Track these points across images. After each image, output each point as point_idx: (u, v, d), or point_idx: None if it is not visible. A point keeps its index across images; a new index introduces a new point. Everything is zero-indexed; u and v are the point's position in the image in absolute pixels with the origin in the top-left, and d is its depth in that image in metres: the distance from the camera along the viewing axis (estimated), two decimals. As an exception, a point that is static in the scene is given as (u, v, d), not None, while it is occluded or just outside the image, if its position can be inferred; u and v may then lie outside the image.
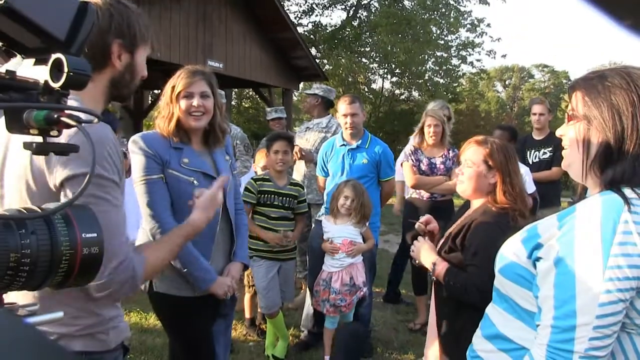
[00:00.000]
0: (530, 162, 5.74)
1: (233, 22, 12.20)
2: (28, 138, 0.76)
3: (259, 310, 4.94)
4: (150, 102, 15.73)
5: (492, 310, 1.69)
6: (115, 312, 1.64)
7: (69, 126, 0.74)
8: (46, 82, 0.73)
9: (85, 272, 0.79)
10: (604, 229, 1.30)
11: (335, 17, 40.75)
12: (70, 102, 1.47)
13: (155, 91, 17.60)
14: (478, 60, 27.98)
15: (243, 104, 28.05)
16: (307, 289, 4.76)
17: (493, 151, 2.52)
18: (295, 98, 17.76)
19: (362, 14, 25.94)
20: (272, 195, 4.35)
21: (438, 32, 24.58)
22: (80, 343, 1.53)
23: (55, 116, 0.73)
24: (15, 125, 0.73)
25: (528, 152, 5.79)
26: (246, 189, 4.36)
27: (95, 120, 0.77)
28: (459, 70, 26.77)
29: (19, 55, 0.77)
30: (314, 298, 4.25)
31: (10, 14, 0.67)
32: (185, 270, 2.56)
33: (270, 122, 6.97)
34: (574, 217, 1.38)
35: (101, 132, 1.45)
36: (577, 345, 1.29)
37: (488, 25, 25.33)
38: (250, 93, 24.79)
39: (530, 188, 4.93)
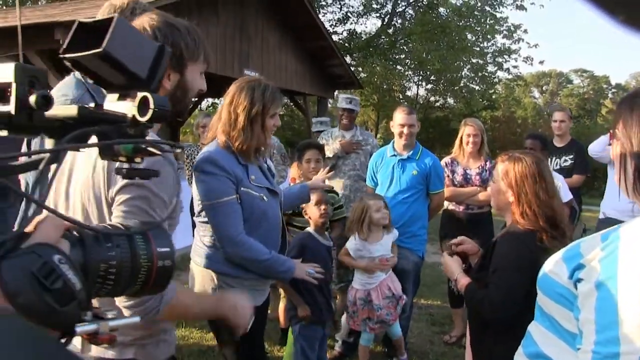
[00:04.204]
0: (551, 169, 5.64)
1: (269, 32, 12.32)
2: (117, 164, 0.89)
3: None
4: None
5: (535, 329, 1.66)
6: (166, 325, 1.71)
7: (152, 154, 0.86)
8: (134, 116, 0.83)
9: (159, 282, 0.90)
10: None
11: (370, 24, 40.81)
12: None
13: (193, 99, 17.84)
14: (515, 67, 27.60)
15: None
16: (345, 299, 4.77)
17: (508, 170, 2.48)
18: (330, 106, 17.80)
19: (397, 22, 25.87)
20: None
21: (473, 38, 24.35)
22: (132, 351, 1.60)
23: (143, 146, 0.84)
24: (108, 153, 0.85)
25: (549, 159, 5.71)
26: None
27: (179, 150, 0.87)
28: (494, 77, 26.46)
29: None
30: (352, 319, 4.19)
31: (106, 58, 0.78)
32: (268, 273, 2.68)
33: (314, 134, 6.97)
34: (618, 238, 1.34)
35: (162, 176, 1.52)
36: None
37: (525, 31, 24.93)
38: (285, 100, 24.90)
39: (566, 196, 4.86)
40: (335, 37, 22.86)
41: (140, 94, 0.82)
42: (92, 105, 0.83)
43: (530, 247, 2.33)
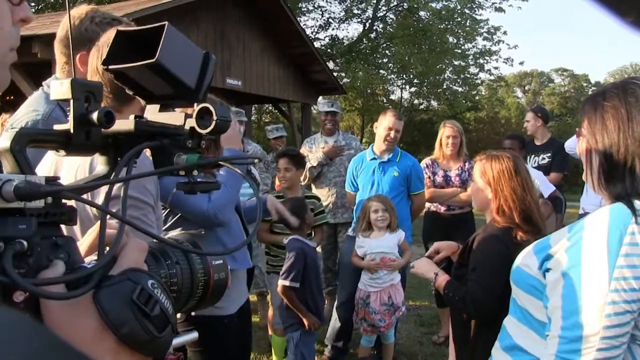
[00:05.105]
0: (530, 167, 5.73)
1: (250, 40, 12.35)
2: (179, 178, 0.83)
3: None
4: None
5: (508, 321, 1.73)
6: None
7: (218, 167, 0.84)
8: (192, 128, 0.79)
9: (215, 295, 0.86)
10: (610, 241, 1.32)
11: (351, 30, 41.03)
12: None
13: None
14: (496, 68, 27.87)
15: (263, 118, 28.23)
16: (334, 303, 4.79)
17: (486, 167, 2.55)
18: (314, 112, 17.82)
19: (378, 26, 26.02)
20: None
21: (455, 41, 24.53)
22: None
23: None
24: (165, 166, 0.80)
25: (528, 157, 5.80)
26: None
27: (257, 160, 0.80)
28: (477, 79, 26.67)
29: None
30: (355, 315, 4.26)
31: (157, 69, 0.73)
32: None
33: (272, 141, 7.00)
34: (583, 229, 1.41)
35: (141, 158, 1.53)
36: (584, 356, 1.31)
37: (504, 33, 25.17)
38: (270, 108, 24.93)
39: (548, 190, 4.92)
40: (317, 44, 22.94)
41: (198, 105, 0.80)
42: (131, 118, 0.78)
43: (507, 244, 2.37)
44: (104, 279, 0.65)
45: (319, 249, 4.83)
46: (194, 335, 0.88)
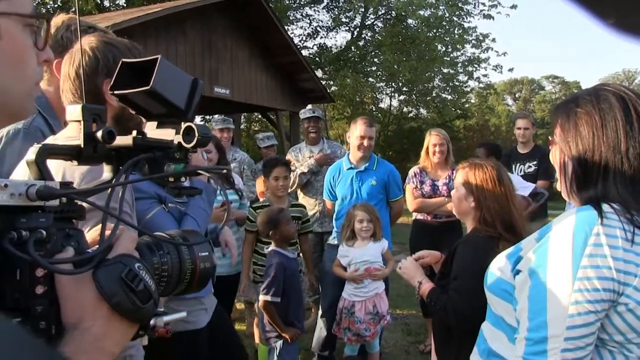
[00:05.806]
0: (515, 175, 5.73)
1: (238, 49, 12.34)
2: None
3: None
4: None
5: (484, 326, 1.75)
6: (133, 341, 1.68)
7: (199, 174, 1.01)
8: (179, 143, 0.95)
9: (201, 282, 1.02)
10: (575, 241, 1.33)
11: (340, 38, 41.30)
12: None
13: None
14: (485, 76, 27.92)
15: (252, 127, 28.20)
16: (319, 312, 4.76)
17: (469, 176, 2.52)
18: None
19: (366, 35, 26.08)
20: None
21: (443, 49, 24.61)
22: None
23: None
24: (157, 173, 0.97)
25: (513, 166, 5.78)
26: (247, 217, 4.40)
27: (225, 171, 0.94)
28: (466, 86, 26.75)
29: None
30: (337, 325, 4.24)
31: (152, 94, 0.90)
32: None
33: (263, 150, 7.00)
34: (550, 229, 1.43)
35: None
36: (550, 357, 1.31)
37: (493, 40, 25.21)
38: (259, 116, 24.93)
39: (526, 190, 4.92)
40: (305, 52, 22.97)
41: (184, 124, 0.95)
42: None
43: (489, 254, 2.34)
44: (101, 261, 0.83)
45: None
46: (182, 314, 1.02)
